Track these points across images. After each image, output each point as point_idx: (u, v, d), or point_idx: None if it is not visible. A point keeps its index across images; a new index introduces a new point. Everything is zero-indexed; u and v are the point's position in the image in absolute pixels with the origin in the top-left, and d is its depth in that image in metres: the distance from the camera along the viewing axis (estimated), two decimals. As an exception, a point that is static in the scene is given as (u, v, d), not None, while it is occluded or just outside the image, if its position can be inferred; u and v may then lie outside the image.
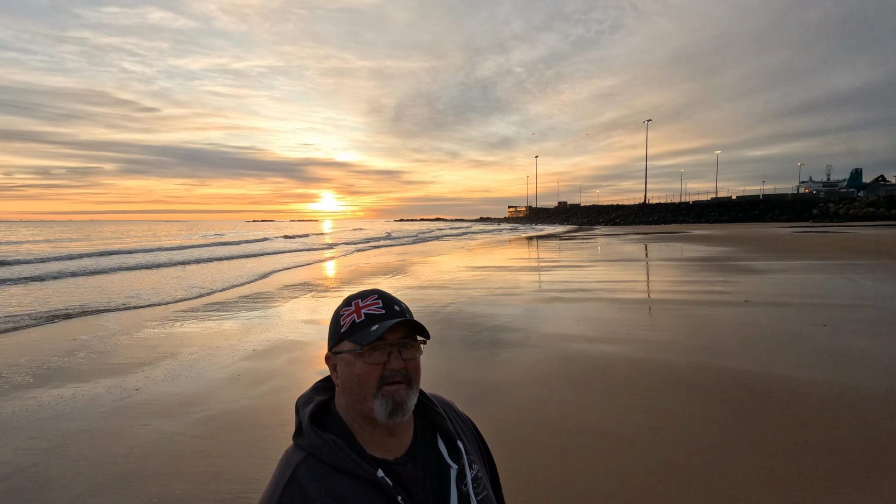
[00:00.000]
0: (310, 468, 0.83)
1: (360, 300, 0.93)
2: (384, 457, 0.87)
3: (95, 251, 23.91)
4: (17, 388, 4.48)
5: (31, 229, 79.76)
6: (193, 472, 2.92)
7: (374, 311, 0.90)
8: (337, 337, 0.91)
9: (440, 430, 0.96)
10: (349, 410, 0.89)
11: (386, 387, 0.85)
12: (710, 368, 4.55)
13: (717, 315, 6.91)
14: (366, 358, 0.86)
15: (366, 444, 0.87)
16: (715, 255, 16.81)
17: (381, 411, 0.84)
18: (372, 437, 0.88)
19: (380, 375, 0.86)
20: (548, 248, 23.37)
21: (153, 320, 7.55)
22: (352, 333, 0.88)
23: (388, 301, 0.92)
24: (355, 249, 27.49)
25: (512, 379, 4.45)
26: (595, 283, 10.60)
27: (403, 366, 0.87)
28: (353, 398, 0.87)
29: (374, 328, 0.86)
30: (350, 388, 0.87)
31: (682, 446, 3.09)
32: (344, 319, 0.91)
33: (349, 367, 0.87)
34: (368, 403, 0.85)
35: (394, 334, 0.88)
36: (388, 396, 0.85)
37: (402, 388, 0.86)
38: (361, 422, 0.88)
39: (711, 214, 63.60)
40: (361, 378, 0.86)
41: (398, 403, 0.85)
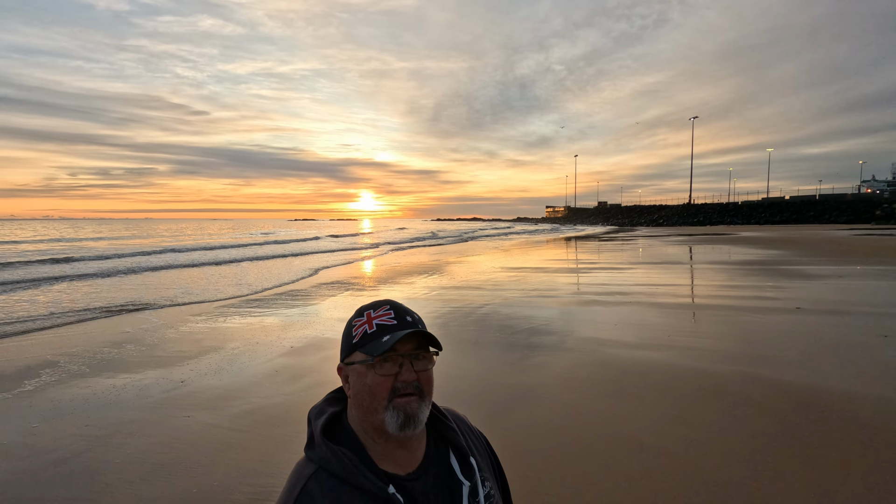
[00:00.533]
0: (321, 482, 0.82)
1: (373, 311, 0.92)
2: (396, 471, 0.86)
3: (157, 248, 25.12)
4: (74, 377, 4.77)
5: (100, 226, 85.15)
6: (231, 464, 3.02)
7: (385, 321, 0.89)
8: (349, 348, 0.91)
9: (452, 446, 0.95)
10: (361, 423, 0.88)
11: (397, 399, 0.84)
12: (757, 379, 4.33)
13: (766, 322, 6.56)
14: (377, 369, 0.85)
15: (377, 458, 0.86)
16: (765, 258, 15.99)
17: (392, 423, 0.83)
18: (384, 450, 0.87)
19: (391, 387, 0.85)
20: (586, 249, 22.89)
21: (200, 315, 7.89)
22: (363, 344, 0.88)
23: (400, 312, 0.91)
24: (397, 248, 27.86)
25: (546, 383, 4.38)
26: (635, 285, 10.29)
27: (415, 377, 0.86)
28: (365, 410, 0.86)
29: (386, 339, 0.86)
30: (362, 400, 0.86)
31: (724, 461, 2.94)
32: (356, 330, 0.91)
33: (361, 379, 0.87)
34: (380, 415, 0.84)
35: (406, 345, 0.87)
36: (399, 408, 0.84)
37: (413, 401, 0.85)
38: (373, 434, 0.87)
39: (762, 215, 60.55)
40: (373, 389, 0.85)
41: (410, 416, 0.84)
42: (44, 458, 3.16)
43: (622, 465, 2.93)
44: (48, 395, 4.30)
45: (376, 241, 36.66)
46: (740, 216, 62.70)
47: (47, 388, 4.48)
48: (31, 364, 5.23)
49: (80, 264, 17.16)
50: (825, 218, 54.50)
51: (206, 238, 38.56)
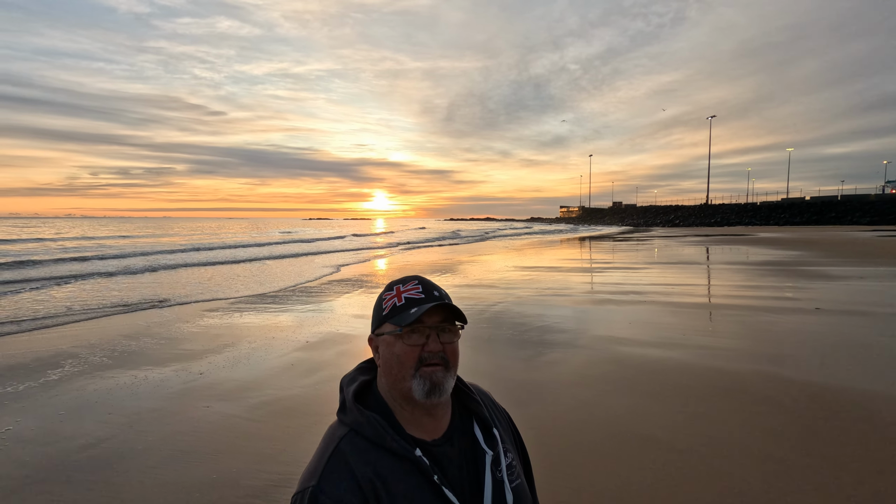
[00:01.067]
0: (352, 442, 0.87)
1: (402, 285, 0.96)
2: (422, 437, 0.91)
3: (179, 247, 25.60)
4: (96, 368, 4.91)
5: (123, 225, 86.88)
6: (250, 452, 3.09)
7: (413, 295, 0.93)
8: (379, 319, 0.95)
9: (476, 417, 0.99)
10: (390, 390, 0.93)
11: (424, 367, 0.89)
12: (775, 378, 4.28)
13: (785, 322, 6.46)
14: (405, 339, 0.90)
15: (405, 424, 0.91)
16: (784, 259, 15.71)
17: (418, 391, 0.88)
18: (411, 416, 0.91)
19: (418, 356, 0.89)
20: (600, 249, 22.72)
21: (217, 311, 8.03)
22: (392, 316, 0.92)
23: (428, 286, 0.96)
24: (417, 247, 28.15)
25: (559, 380, 4.38)
26: (650, 285, 10.20)
27: (441, 349, 0.90)
28: (393, 378, 0.91)
29: (413, 311, 0.90)
30: (390, 368, 0.91)
31: (742, 458, 2.92)
32: (386, 303, 0.95)
33: (390, 348, 0.91)
34: (407, 383, 0.89)
35: (432, 318, 0.91)
36: (425, 377, 0.88)
37: (439, 370, 0.89)
38: (401, 401, 0.92)
39: (781, 216, 59.38)
40: (401, 358, 0.89)
41: (435, 384, 0.88)
42: (71, 443, 3.26)
43: (638, 460, 2.93)
44: (72, 384, 4.43)
45: (398, 240, 37.00)
46: (759, 217, 61.58)
47: (71, 378, 4.62)
48: (54, 356, 5.38)
49: (106, 262, 17.52)
50: (847, 219, 53.26)
51: (230, 237, 39.07)
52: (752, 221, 60.09)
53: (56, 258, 17.96)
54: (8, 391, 4.26)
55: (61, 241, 30.87)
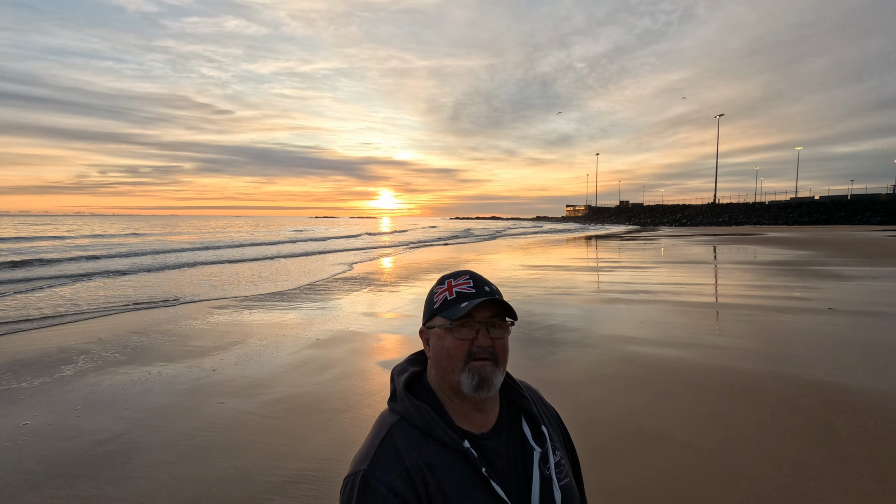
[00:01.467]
0: (403, 430, 0.89)
1: (453, 279, 0.98)
2: (470, 430, 0.91)
3: (191, 246, 25.56)
4: (110, 364, 4.95)
5: (134, 223, 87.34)
6: (264, 449, 3.10)
7: (464, 289, 0.94)
8: (430, 313, 0.97)
9: (525, 413, 0.99)
10: (440, 382, 0.94)
11: (473, 362, 0.89)
12: (789, 378, 4.24)
13: (796, 322, 6.41)
14: (455, 333, 0.91)
15: (454, 416, 0.92)
16: (794, 258, 15.58)
17: (467, 384, 0.88)
18: (460, 409, 0.92)
19: (467, 350, 0.90)
20: (608, 248, 22.63)
21: (228, 308, 8.08)
22: (443, 309, 0.94)
23: (479, 281, 0.97)
24: (423, 245, 28.00)
25: (570, 379, 4.37)
26: (658, 284, 10.15)
27: (490, 344, 0.91)
28: (443, 370, 0.92)
29: (464, 305, 0.91)
30: (440, 361, 0.92)
31: (757, 458, 2.90)
32: (437, 297, 0.97)
33: (440, 341, 0.93)
34: (456, 376, 0.89)
35: (483, 313, 0.92)
36: (474, 371, 0.88)
37: (488, 365, 0.89)
38: (450, 394, 0.92)
39: (790, 216, 58.89)
40: (451, 351, 0.90)
41: (484, 379, 0.88)
42: (87, 438, 3.29)
43: (653, 460, 2.92)
44: (87, 380, 4.47)
45: (410, 238, 36.98)
46: (767, 216, 61.11)
47: (86, 373, 4.66)
48: (68, 352, 5.44)
49: (120, 260, 17.66)
50: (857, 219, 52.72)
51: (243, 235, 38.95)
52: (761, 221, 59.63)
53: (71, 257, 17.97)
54: (23, 386, 4.31)
55: (78, 240, 30.96)
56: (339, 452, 3.04)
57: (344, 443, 3.17)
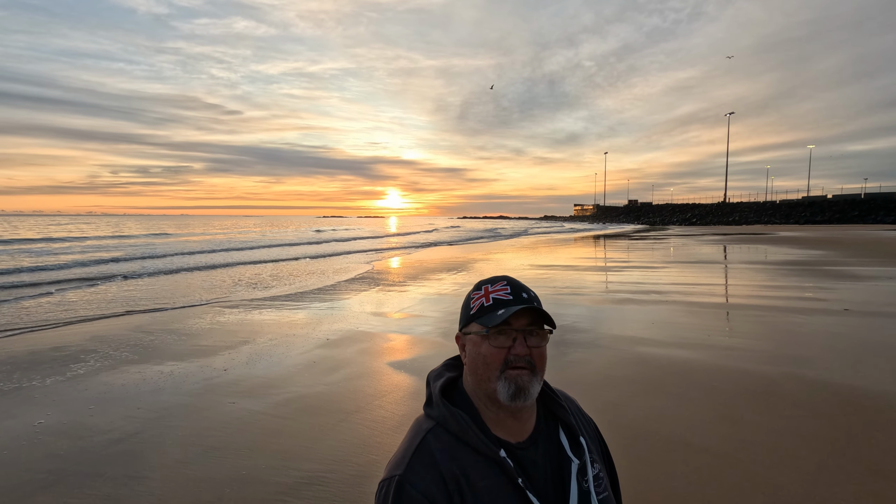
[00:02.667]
0: (438, 437, 0.87)
1: (490, 285, 0.95)
2: (507, 438, 0.89)
3: (212, 247, 25.08)
4: (123, 364, 4.98)
5: (148, 223, 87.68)
6: (276, 450, 3.10)
7: (502, 296, 0.92)
8: (466, 318, 0.95)
9: (563, 423, 0.97)
10: (475, 389, 0.92)
11: (510, 370, 0.87)
12: (804, 380, 4.17)
13: (812, 324, 6.31)
14: (491, 340, 0.89)
15: (490, 424, 0.90)
16: (807, 258, 15.37)
17: (503, 393, 0.86)
18: (496, 417, 0.90)
19: (504, 359, 0.88)
20: (617, 248, 22.48)
21: (238, 308, 8.11)
22: (480, 316, 0.92)
23: (517, 288, 0.94)
24: (420, 245, 28.00)
25: (583, 381, 4.33)
26: (669, 285, 10.05)
27: (528, 352, 0.88)
28: (479, 378, 0.90)
29: (500, 312, 0.89)
30: (476, 368, 0.90)
31: (775, 463, 2.85)
32: (474, 303, 0.95)
33: (476, 348, 0.91)
34: (492, 384, 0.88)
35: (520, 320, 0.90)
36: (511, 380, 0.87)
37: (525, 374, 0.87)
38: (486, 401, 0.91)
39: (802, 215, 58.20)
40: (487, 359, 0.88)
41: (520, 388, 0.86)
42: (101, 437, 3.31)
43: (669, 464, 2.88)
44: (100, 379, 4.50)
45: (435, 239, 36.08)
46: (779, 215, 60.44)
47: (99, 373, 4.69)
48: (81, 351, 5.48)
49: (155, 261, 17.51)
50: (871, 218, 51.98)
51: (278, 234, 38.21)
52: (772, 220, 58.98)
53: (88, 261, 17.54)
54: (36, 385, 4.35)
55: (101, 240, 30.91)
56: (352, 454, 3.02)
57: (356, 444, 3.16)
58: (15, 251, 21.58)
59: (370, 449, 3.09)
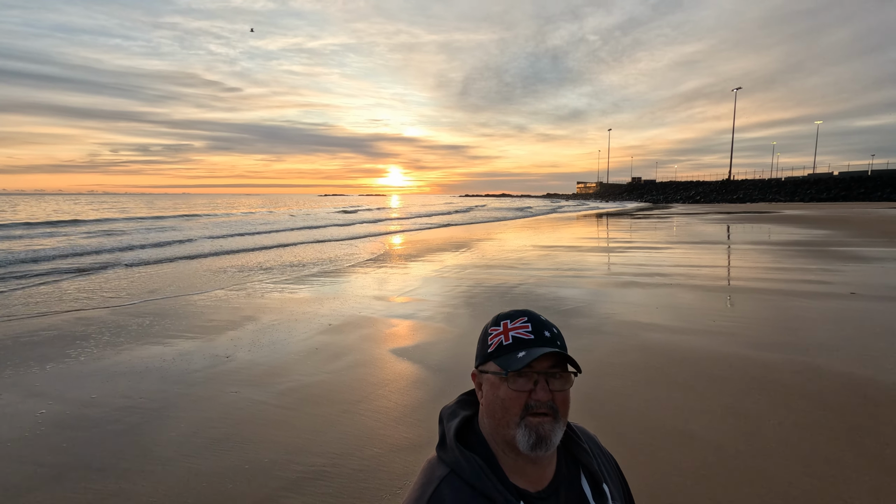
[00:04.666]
0: (452, 486, 0.82)
1: (510, 321, 0.89)
2: (526, 487, 0.84)
3: (230, 232, 22.21)
4: (125, 352, 4.97)
5: (162, 201, 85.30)
6: (280, 442, 3.09)
7: (521, 335, 0.86)
8: (483, 356, 0.89)
9: (584, 469, 0.91)
10: (493, 433, 0.86)
11: (530, 417, 0.81)
12: (812, 368, 4.13)
13: (818, 308, 6.25)
14: (511, 384, 0.82)
15: (508, 471, 0.84)
16: (812, 238, 15.24)
17: (523, 442, 0.81)
18: (514, 463, 0.85)
19: (524, 404, 0.81)
20: (619, 227, 22.35)
21: (242, 292, 8.10)
22: (498, 356, 0.86)
23: (539, 325, 0.87)
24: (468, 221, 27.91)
25: (587, 369, 4.29)
26: (673, 266, 9.98)
27: (550, 397, 0.82)
28: (497, 423, 0.84)
29: (521, 355, 0.83)
30: (494, 412, 0.85)
31: (780, 454, 2.83)
32: (492, 339, 0.88)
33: (494, 390, 0.85)
34: (511, 431, 0.82)
35: (542, 363, 0.83)
36: (531, 427, 0.80)
37: (547, 421, 0.81)
38: (504, 447, 0.85)
39: (808, 192, 57.64)
40: (505, 403, 0.82)
41: (542, 437, 0.80)
42: (103, 428, 3.30)
43: (675, 456, 2.85)
44: (102, 367, 4.49)
45: (472, 218, 34.87)
46: (783, 193, 59.89)
47: (101, 360, 4.68)
48: (82, 338, 5.48)
49: (193, 245, 16.50)
50: (877, 195, 51.46)
51: (318, 216, 35.75)
52: (777, 198, 58.47)
53: (102, 249, 15.33)
54: (36, 372, 4.34)
55: (127, 222, 28.83)
56: (355, 447, 3.01)
57: (359, 437, 3.14)
58: (65, 233, 20.73)
59: (374, 442, 3.07)
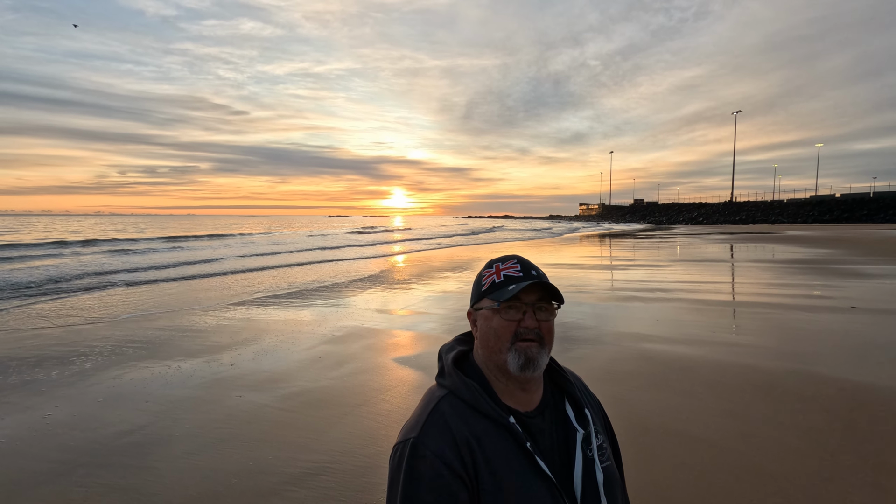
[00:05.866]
0: (451, 403, 0.92)
1: (501, 263, 1.00)
2: (516, 407, 0.94)
3: (249, 252, 21.04)
4: (131, 359, 5.03)
5: (168, 222, 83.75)
6: (282, 441, 3.14)
7: (512, 273, 0.97)
8: (478, 294, 1.00)
9: (568, 396, 1.02)
10: (486, 361, 0.97)
11: (519, 342, 0.92)
12: (809, 376, 4.16)
13: (817, 321, 6.28)
14: (502, 314, 0.93)
15: (500, 394, 0.95)
16: (814, 257, 15.27)
17: (513, 364, 0.91)
18: (505, 388, 0.95)
19: (514, 331, 0.92)
20: (622, 247, 22.42)
21: (243, 305, 8.17)
22: (491, 292, 0.96)
23: (526, 265, 0.99)
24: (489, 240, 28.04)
25: (587, 375, 4.26)
26: (675, 283, 10.03)
27: (536, 325, 0.93)
28: (490, 350, 0.95)
29: (511, 287, 0.94)
30: (487, 341, 0.95)
31: (778, 455, 2.85)
32: (485, 279, 1.00)
33: (487, 322, 0.96)
34: (503, 356, 0.92)
35: (529, 295, 0.94)
36: (520, 351, 0.91)
37: (534, 346, 0.92)
38: (497, 372, 0.95)
39: (810, 214, 57.77)
40: (498, 332, 0.93)
41: (530, 359, 0.91)
42: (111, 429, 3.36)
43: (673, 457, 2.89)
44: (109, 373, 4.56)
45: (493, 238, 34.69)
46: (786, 214, 60.04)
47: (108, 367, 4.75)
48: (89, 346, 5.55)
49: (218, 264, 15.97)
50: (880, 217, 51.54)
51: (338, 237, 34.33)
52: (779, 219, 58.60)
53: (109, 270, 14.06)
54: (44, 378, 4.40)
55: (143, 243, 27.52)
56: (357, 445, 3.06)
57: (361, 436, 3.19)
58: (105, 252, 20.23)
59: (376, 441, 3.12)
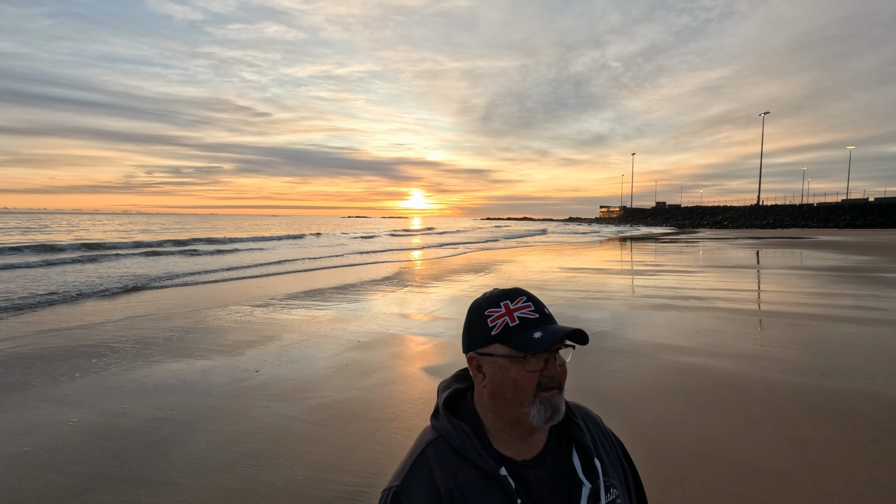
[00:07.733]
0: (437, 449, 0.85)
1: (510, 301, 0.87)
2: (511, 456, 0.85)
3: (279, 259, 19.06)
4: (157, 363, 4.96)
5: (200, 222, 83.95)
6: (313, 459, 2.97)
7: (527, 315, 0.85)
8: (485, 339, 0.86)
9: (576, 444, 0.90)
10: (498, 412, 0.85)
11: (543, 393, 0.82)
12: (878, 397, 3.83)
13: (876, 335, 5.88)
14: (526, 365, 0.82)
15: (493, 440, 0.86)
16: (853, 264, 14.60)
17: (539, 417, 0.82)
18: (500, 434, 0.86)
19: (537, 382, 0.82)
20: (646, 251, 21.88)
21: (269, 306, 8.11)
22: (507, 338, 0.84)
23: (538, 304, 0.88)
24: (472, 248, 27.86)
25: (630, 392, 4.08)
26: (709, 290, 9.63)
27: (559, 372, 0.84)
28: (506, 403, 0.83)
29: (538, 335, 0.82)
30: (504, 394, 0.83)
31: (851, 489, 2.57)
32: (494, 321, 0.86)
33: (503, 372, 0.83)
34: (525, 409, 0.82)
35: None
36: (545, 403, 0.82)
37: (556, 394, 0.83)
38: (507, 424, 0.85)
39: (842, 219, 55.74)
40: (519, 384, 0.82)
41: (556, 410, 0.82)
42: (134, 439, 3.25)
43: (735, 488, 2.63)
44: (133, 377, 4.48)
45: (524, 242, 32.37)
46: (816, 219, 58.04)
47: (132, 371, 4.67)
48: (113, 349, 5.50)
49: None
50: (918, 222, 49.42)
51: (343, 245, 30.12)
52: (809, 224, 56.71)
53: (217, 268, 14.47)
54: (69, 382, 4.34)
55: (260, 241, 27.83)
56: (389, 467, 2.87)
57: (393, 456, 3.01)
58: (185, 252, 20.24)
59: (409, 462, 2.93)
